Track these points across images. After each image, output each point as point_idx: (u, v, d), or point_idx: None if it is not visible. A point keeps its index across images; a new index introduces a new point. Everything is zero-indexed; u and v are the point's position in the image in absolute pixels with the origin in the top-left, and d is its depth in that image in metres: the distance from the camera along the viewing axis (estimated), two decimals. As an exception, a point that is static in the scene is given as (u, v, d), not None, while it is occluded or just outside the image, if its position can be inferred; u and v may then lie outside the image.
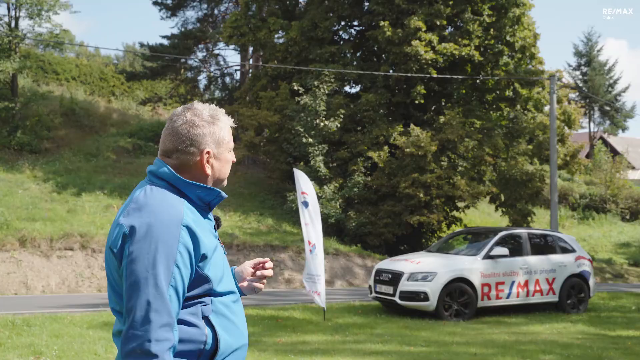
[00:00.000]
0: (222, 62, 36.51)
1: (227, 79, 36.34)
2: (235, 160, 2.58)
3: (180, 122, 2.44)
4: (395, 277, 13.05)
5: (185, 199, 2.40)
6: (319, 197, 20.24)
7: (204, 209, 2.46)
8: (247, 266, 2.76)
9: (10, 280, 15.60)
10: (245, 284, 2.73)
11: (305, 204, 12.08)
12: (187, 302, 2.32)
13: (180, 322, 2.29)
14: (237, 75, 35.39)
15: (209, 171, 2.47)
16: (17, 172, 22.05)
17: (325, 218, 20.36)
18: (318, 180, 22.00)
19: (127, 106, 34.28)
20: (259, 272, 2.72)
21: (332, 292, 17.09)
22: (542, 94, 24.57)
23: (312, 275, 11.84)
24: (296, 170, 12.65)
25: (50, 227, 17.26)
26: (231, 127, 2.54)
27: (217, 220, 2.55)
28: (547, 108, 24.93)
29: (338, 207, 21.86)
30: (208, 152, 2.45)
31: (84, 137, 27.26)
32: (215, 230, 2.50)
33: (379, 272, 13.56)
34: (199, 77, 36.35)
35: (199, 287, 2.34)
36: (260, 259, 2.75)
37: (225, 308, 2.39)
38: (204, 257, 2.32)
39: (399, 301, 12.94)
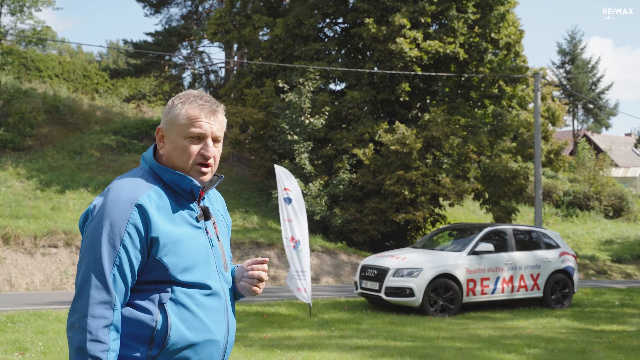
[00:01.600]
0: (206, 60, 36.50)
1: (212, 76, 36.28)
2: (197, 152, 2.40)
3: None
4: (381, 273, 13.07)
5: (161, 184, 2.38)
6: (304, 195, 20.23)
7: (185, 198, 2.41)
8: (244, 265, 2.62)
9: (-7, 278, 15.47)
10: (241, 283, 2.58)
11: (288, 200, 12.04)
12: (143, 286, 2.29)
13: (133, 306, 2.27)
14: (222, 73, 35.33)
15: (162, 151, 2.43)
16: (-1, 169, 21.90)
17: (310, 215, 20.36)
18: (303, 177, 21.99)
19: (111, 103, 34.12)
20: (249, 272, 2.56)
21: (318, 288, 17.08)
22: (526, 91, 24.69)
23: (297, 271, 11.83)
24: (277, 166, 12.55)
25: (34, 224, 17.14)
26: (203, 115, 2.40)
27: (205, 211, 2.45)
28: (531, 105, 25.07)
29: (323, 204, 21.85)
30: (159, 129, 2.45)
31: (67, 134, 27.09)
32: (198, 221, 2.41)
33: (365, 268, 13.57)
34: (184, 75, 36.28)
35: (154, 272, 2.29)
36: (258, 259, 2.58)
37: (188, 299, 2.31)
38: (155, 241, 2.26)
39: (384, 297, 12.96)
